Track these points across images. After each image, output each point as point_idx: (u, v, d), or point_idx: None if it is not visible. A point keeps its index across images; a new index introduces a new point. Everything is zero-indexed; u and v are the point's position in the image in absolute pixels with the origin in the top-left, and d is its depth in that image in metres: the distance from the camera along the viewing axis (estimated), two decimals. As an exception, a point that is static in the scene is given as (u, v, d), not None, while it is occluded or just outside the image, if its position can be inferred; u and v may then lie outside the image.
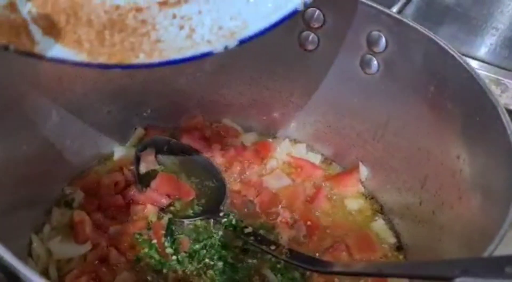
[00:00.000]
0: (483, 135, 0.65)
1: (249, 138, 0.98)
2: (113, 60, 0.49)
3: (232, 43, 0.52)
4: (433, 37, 0.70)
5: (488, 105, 0.63)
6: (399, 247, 0.84)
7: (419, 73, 0.74)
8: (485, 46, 1.21)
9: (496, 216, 0.55)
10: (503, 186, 0.57)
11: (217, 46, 0.52)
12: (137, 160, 0.88)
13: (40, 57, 0.49)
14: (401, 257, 0.82)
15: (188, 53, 0.51)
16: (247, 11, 0.52)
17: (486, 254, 0.48)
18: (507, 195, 0.55)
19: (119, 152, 0.92)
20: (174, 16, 0.51)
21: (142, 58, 0.50)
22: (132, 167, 0.88)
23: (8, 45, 0.47)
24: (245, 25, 0.52)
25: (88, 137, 0.88)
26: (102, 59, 0.49)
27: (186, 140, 0.93)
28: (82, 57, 0.49)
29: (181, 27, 0.51)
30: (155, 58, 0.50)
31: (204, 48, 0.52)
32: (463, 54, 1.12)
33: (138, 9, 0.51)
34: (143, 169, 0.88)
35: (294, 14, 0.53)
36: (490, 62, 1.16)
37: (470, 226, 0.64)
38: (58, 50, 0.48)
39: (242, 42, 0.53)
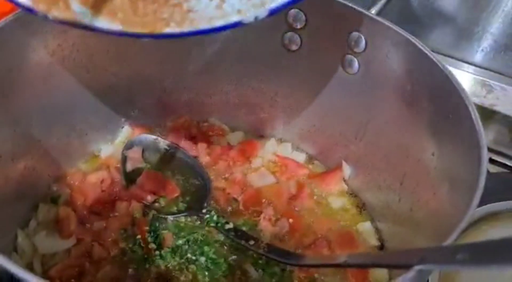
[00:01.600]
0: (455, 132, 0.66)
1: (235, 138, 0.99)
2: (146, 30, 0.50)
3: (263, 13, 0.51)
4: (409, 37, 0.71)
5: (460, 103, 0.65)
6: (380, 244, 0.85)
7: (397, 72, 0.76)
8: (472, 49, 1.22)
9: (462, 209, 0.56)
10: (469, 181, 0.59)
11: (248, 16, 0.51)
12: (124, 158, 0.90)
13: (78, 26, 0.50)
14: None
15: (218, 23, 0.51)
16: None
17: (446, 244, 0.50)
18: (472, 189, 0.56)
19: (106, 150, 0.93)
20: None
21: (173, 27, 0.50)
22: (118, 165, 0.90)
23: (47, 13, 0.49)
24: None
25: (75, 136, 0.89)
26: (135, 29, 0.50)
27: (172, 139, 0.95)
28: (116, 26, 0.50)
29: None
30: (186, 27, 0.51)
31: (234, 18, 0.51)
32: (450, 57, 1.16)
33: None
34: (129, 166, 0.90)
35: None
36: (476, 64, 1.18)
37: (441, 220, 0.65)
38: (94, 19, 0.50)
39: (272, 12, 0.51)
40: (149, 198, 0.85)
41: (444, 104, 0.69)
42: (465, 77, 1.13)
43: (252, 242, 0.78)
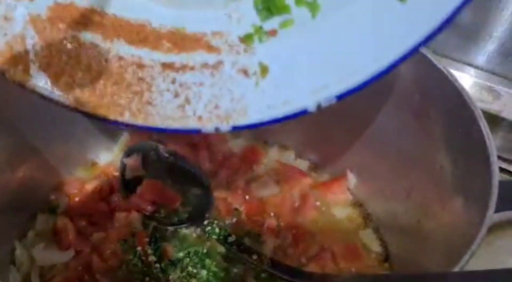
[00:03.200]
0: (464, 144, 0.64)
1: (237, 145, 0.97)
2: (99, 112, 0.48)
3: (224, 127, 0.48)
4: (417, 46, 0.69)
5: (468, 115, 0.63)
6: (385, 257, 0.83)
7: (405, 81, 0.74)
8: (479, 53, 1.20)
9: (474, 223, 0.55)
10: (480, 195, 0.57)
11: (207, 126, 0.48)
12: (123, 166, 0.88)
13: (31, 91, 0.50)
14: (386, 265, 0.82)
15: (174, 125, 0.48)
16: (252, 97, 0.48)
17: (463, 259, 0.48)
18: (484, 203, 0.55)
19: (105, 157, 0.92)
20: (173, 81, 0.48)
21: (126, 117, 0.48)
22: (117, 173, 0.88)
23: (4, 72, 0.48)
24: (244, 112, 0.48)
25: (74, 143, 0.87)
26: (87, 108, 0.48)
27: (173, 146, 0.92)
28: (69, 101, 0.49)
29: (176, 95, 0.48)
30: (139, 121, 0.48)
31: (192, 124, 0.48)
32: (456, 61, 1.14)
33: (140, 66, 0.48)
34: (128, 175, 0.87)
35: (302, 114, 0.48)
36: (483, 69, 1.16)
37: (452, 233, 0.64)
38: (47, 89, 0.49)
39: (235, 128, 0.48)
40: (149, 208, 0.83)
41: (454, 116, 0.67)
42: (471, 82, 1.11)
43: (255, 257, 0.76)
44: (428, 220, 0.74)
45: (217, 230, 0.80)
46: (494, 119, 1.07)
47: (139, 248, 0.78)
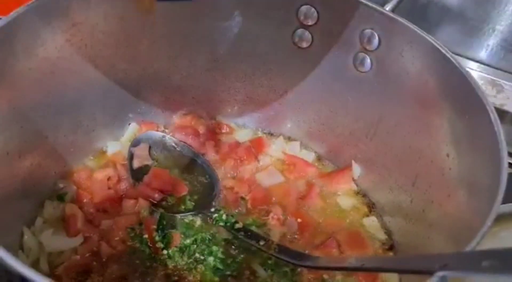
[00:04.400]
0: (472, 133, 0.65)
1: (243, 135, 0.98)
2: None
3: None
4: (425, 36, 0.70)
5: (477, 104, 0.63)
6: (390, 245, 0.84)
7: (411, 71, 0.75)
8: (481, 47, 1.21)
9: (481, 212, 0.55)
10: (488, 183, 0.58)
11: None
12: (131, 155, 0.89)
13: None
14: (391, 254, 0.82)
15: None
16: None
17: (468, 248, 0.48)
18: (492, 192, 0.55)
19: (113, 147, 0.92)
20: None
21: None
22: (125, 162, 0.89)
23: None
24: None
25: (82, 132, 0.88)
26: None
27: (179, 136, 0.93)
28: None
29: None
30: None
31: None
32: (460, 55, 1.14)
33: None
34: (136, 164, 0.89)
35: None
36: (486, 63, 1.16)
37: (457, 222, 0.64)
38: None
39: None
40: (157, 196, 0.84)
41: (461, 105, 0.68)
42: (474, 76, 1.11)
43: (262, 242, 0.77)
44: (433, 209, 0.75)
45: (224, 217, 0.81)
46: (497, 113, 1.08)
47: (146, 235, 0.79)
